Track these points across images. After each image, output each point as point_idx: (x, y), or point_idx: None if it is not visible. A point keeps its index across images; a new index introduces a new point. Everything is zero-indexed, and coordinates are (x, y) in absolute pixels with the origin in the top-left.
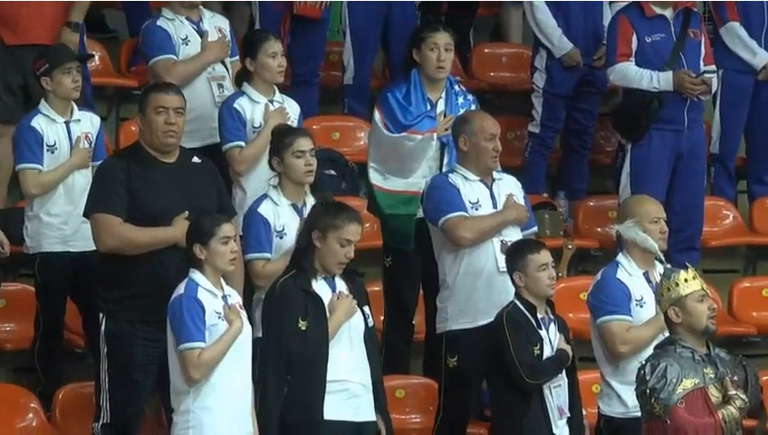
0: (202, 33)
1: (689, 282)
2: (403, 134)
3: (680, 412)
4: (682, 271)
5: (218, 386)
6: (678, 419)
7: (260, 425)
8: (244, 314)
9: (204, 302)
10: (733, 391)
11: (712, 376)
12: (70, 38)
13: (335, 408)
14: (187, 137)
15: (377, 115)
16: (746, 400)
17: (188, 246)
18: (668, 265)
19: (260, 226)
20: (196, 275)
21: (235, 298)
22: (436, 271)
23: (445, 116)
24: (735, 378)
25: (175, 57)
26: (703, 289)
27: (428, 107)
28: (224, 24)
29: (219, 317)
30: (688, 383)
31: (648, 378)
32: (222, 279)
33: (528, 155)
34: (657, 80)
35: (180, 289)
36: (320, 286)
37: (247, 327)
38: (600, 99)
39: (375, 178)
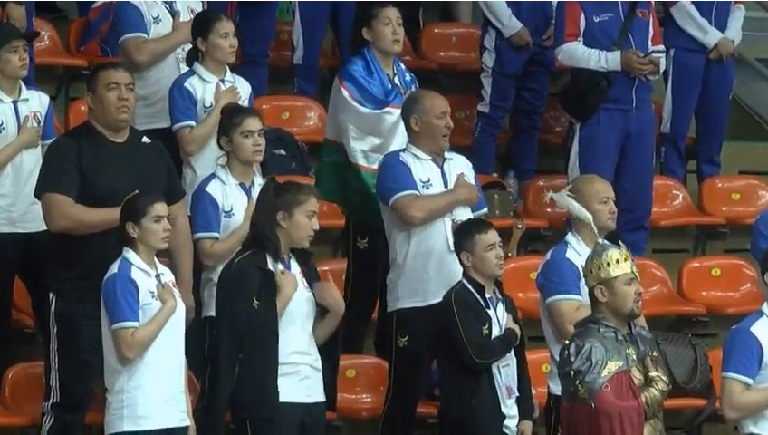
0: (174, 13)
1: (620, 263)
2: (386, 109)
3: (605, 396)
4: (614, 251)
5: (152, 365)
6: (603, 403)
7: (210, 403)
8: (177, 292)
9: (137, 281)
10: (654, 373)
11: (634, 357)
12: (15, 14)
13: (286, 389)
14: (155, 117)
15: (345, 94)
16: (668, 381)
17: (121, 225)
18: (601, 241)
19: (208, 205)
20: (129, 254)
21: (168, 277)
22: None
23: (403, 90)
24: (655, 355)
25: (145, 35)
26: (632, 272)
27: (390, 83)
28: (196, 5)
29: (153, 296)
30: (613, 366)
31: (572, 359)
32: (156, 258)
33: (477, 135)
34: (605, 59)
35: (114, 268)
36: (276, 267)
37: (180, 306)
38: (549, 78)
39: (360, 159)
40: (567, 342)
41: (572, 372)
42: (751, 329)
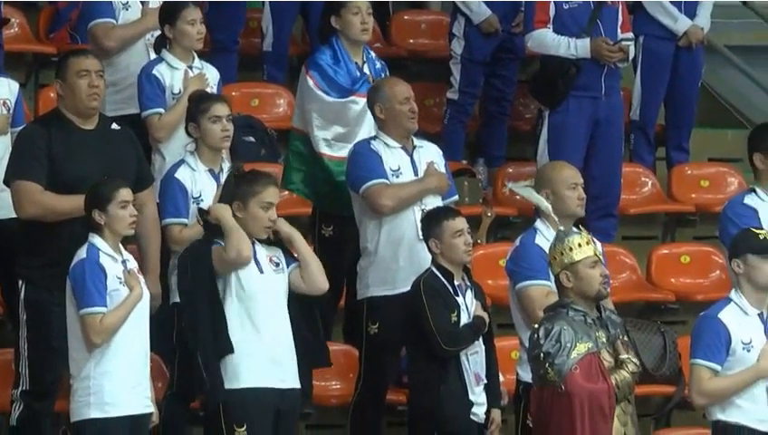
0: (143, 0)
1: (582, 247)
2: (351, 98)
3: (574, 378)
4: (576, 236)
5: (119, 351)
6: (573, 385)
7: (211, 384)
8: (142, 279)
9: (105, 266)
10: (625, 355)
11: (604, 340)
12: None
13: (260, 374)
14: (124, 103)
15: (310, 83)
16: (638, 363)
17: (87, 212)
18: (562, 228)
19: (177, 191)
20: (96, 240)
21: (133, 263)
22: None
23: (371, 78)
24: (626, 339)
25: (114, 21)
26: (595, 254)
27: (358, 71)
28: None
29: (120, 282)
30: (582, 348)
31: (542, 342)
32: (120, 244)
33: (447, 122)
34: (574, 47)
35: (81, 254)
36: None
37: (146, 293)
38: (518, 65)
39: (323, 147)
40: (536, 325)
41: (542, 355)
42: (719, 316)
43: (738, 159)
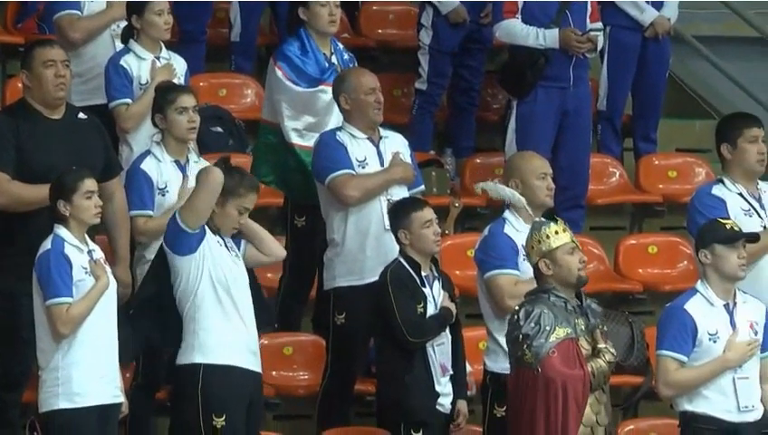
0: None
1: (559, 234)
2: (319, 87)
3: (551, 362)
4: (552, 224)
5: (86, 342)
6: (549, 368)
7: None
8: (108, 269)
9: (70, 257)
10: (603, 344)
11: (583, 328)
12: None
13: (242, 357)
14: (91, 94)
15: (279, 74)
16: (615, 353)
17: (52, 203)
18: (537, 218)
19: (142, 182)
20: (61, 231)
21: (99, 253)
22: None
23: (340, 69)
24: (606, 329)
25: (79, 13)
26: (572, 241)
27: (326, 62)
28: None
29: (86, 272)
30: (561, 332)
31: (521, 323)
32: (86, 235)
33: (415, 112)
34: (542, 37)
35: (47, 244)
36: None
37: (113, 283)
38: (486, 56)
39: (294, 138)
40: (517, 307)
41: (520, 336)
42: (685, 306)
43: (706, 150)
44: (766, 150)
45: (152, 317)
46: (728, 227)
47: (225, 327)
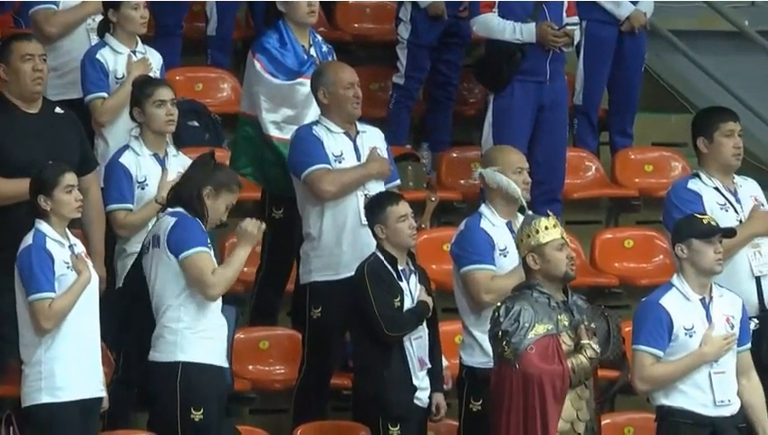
0: None
1: (549, 230)
2: (298, 80)
3: (529, 358)
4: (543, 218)
5: (69, 336)
6: (527, 364)
7: None
8: (90, 263)
9: (52, 252)
10: (585, 341)
11: (566, 323)
12: None
13: (210, 352)
14: (67, 88)
15: (258, 66)
16: (598, 350)
17: (32, 198)
18: (530, 212)
19: (121, 176)
20: (42, 226)
21: (80, 247)
22: None
23: (318, 62)
24: (592, 325)
25: (55, 7)
26: (562, 237)
27: (305, 54)
28: None
29: (68, 267)
30: (541, 329)
31: (501, 320)
32: (68, 229)
33: (392, 106)
34: (519, 31)
35: (28, 240)
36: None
37: (95, 277)
38: (464, 50)
39: (272, 130)
40: (499, 304)
41: (500, 333)
42: (660, 301)
43: (682, 144)
44: (742, 144)
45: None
46: (705, 221)
47: (204, 325)
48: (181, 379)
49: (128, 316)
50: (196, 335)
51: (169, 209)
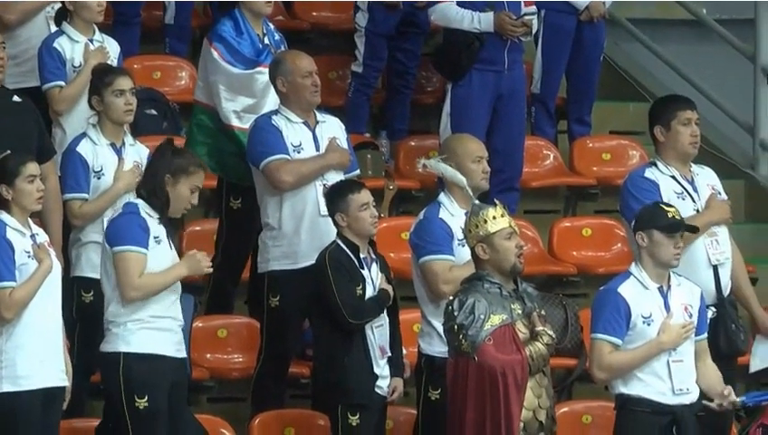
0: None
1: (497, 219)
2: (257, 69)
3: (488, 349)
4: (490, 208)
5: (30, 325)
6: (486, 356)
7: None
8: (52, 252)
9: (13, 241)
10: (540, 327)
11: (519, 312)
12: None
13: (155, 342)
14: (25, 76)
15: (215, 54)
16: (553, 336)
17: None
18: (477, 202)
19: (78, 165)
20: (3, 216)
21: (43, 237)
22: None
23: (273, 50)
24: (543, 313)
25: None
26: (511, 226)
27: (260, 43)
28: None
29: (29, 256)
30: (496, 319)
31: (456, 314)
32: (30, 219)
33: (351, 95)
34: (477, 20)
35: None
36: (159, 224)
37: (57, 266)
38: (422, 39)
39: (233, 119)
40: (451, 297)
41: (456, 327)
42: (618, 289)
43: (640, 133)
44: (699, 133)
45: None
46: (670, 215)
47: (148, 316)
48: (123, 369)
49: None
50: (138, 326)
51: (129, 199)
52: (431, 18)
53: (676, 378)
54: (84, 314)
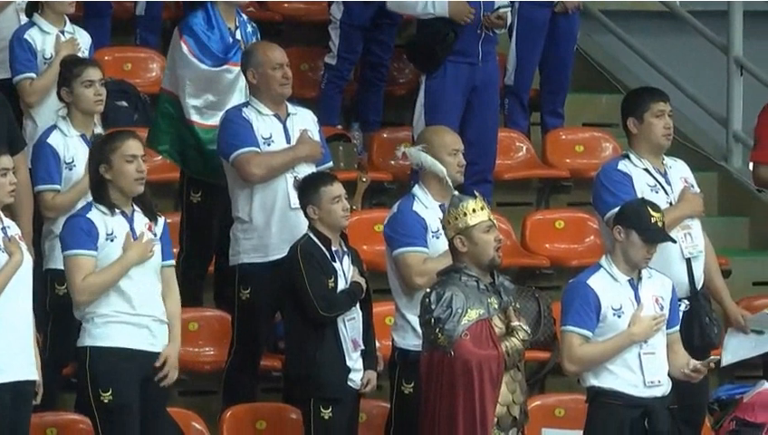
0: None
1: (477, 212)
2: (224, 67)
3: (465, 344)
4: (470, 200)
5: (0, 318)
6: (463, 351)
7: None
8: (24, 245)
9: None
10: (516, 323)
11: (496, 306)
12: None
13: (123, 337)
14: None
15: (184, 49)
16: (529, 331)
17: None
18: (457, 193)
19: (49, 157)
20: None
21: (14, 230)
22: None
23: (243, 45)
24: (518, 306)
25: None
26: (490, 220)
27: (231, 38)
28: None
29: (0, 250)
30: (473, 314)
31: (433, 307)
32: (1, 211)
33: (324, 87)
34: (432, 5)
35: None
36: (117, 221)
37: (27, 259)
38: (396, 30)
39: (193, 115)
40: (428, 290)
41: (432, 320)
42: (588, 281)
43: (613, 125)
44: (673, 125)
45: None
46: (653, 220)
47: (113, 311)
48: (89, 363)
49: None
50: (104, 320)
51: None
52: (387, 6)
53: (648, 370)
54: (57, 307)
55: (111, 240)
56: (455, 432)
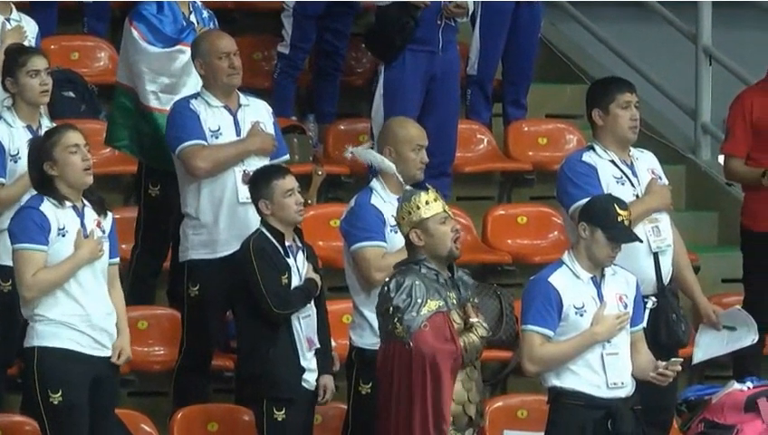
0: None
1: (430, 204)
2: (177, 47)
3: (423, 336)
4: (423, 193)
5: None
6: (421, 342)
7: None
8: None
9: None
10: (475, 319)
11: (455, 301)
12: None
13: (70, 338)
14: None
15: (135, 34)
16: (488, 328)
17: None
18: (409, 187)
19: None
20: None
21: None
22: None
23: (199, 28)
24: (475, 301)
25: None
26: (445, 211)
27: (184, 21)
28: None
29: None
30: (433, 305)
31: (392, 295)
32: None
33: (277, 77)
34: None
35: None
36: (68, 215)
37: None
38: (352, 18)
39: (151, 100)
40: (387, 279)
41: (391, 309)
42: (549, 279)
43: (577, 116)
44: (639, 116)
45: None
46: (620, 219)
47: (61, 313)
48: (37, 363)
49: None
50: (52, 323)
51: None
52: None
53: (611, 371)
54: (1, 305)
55: (63, 235)
56: (411, 427)
